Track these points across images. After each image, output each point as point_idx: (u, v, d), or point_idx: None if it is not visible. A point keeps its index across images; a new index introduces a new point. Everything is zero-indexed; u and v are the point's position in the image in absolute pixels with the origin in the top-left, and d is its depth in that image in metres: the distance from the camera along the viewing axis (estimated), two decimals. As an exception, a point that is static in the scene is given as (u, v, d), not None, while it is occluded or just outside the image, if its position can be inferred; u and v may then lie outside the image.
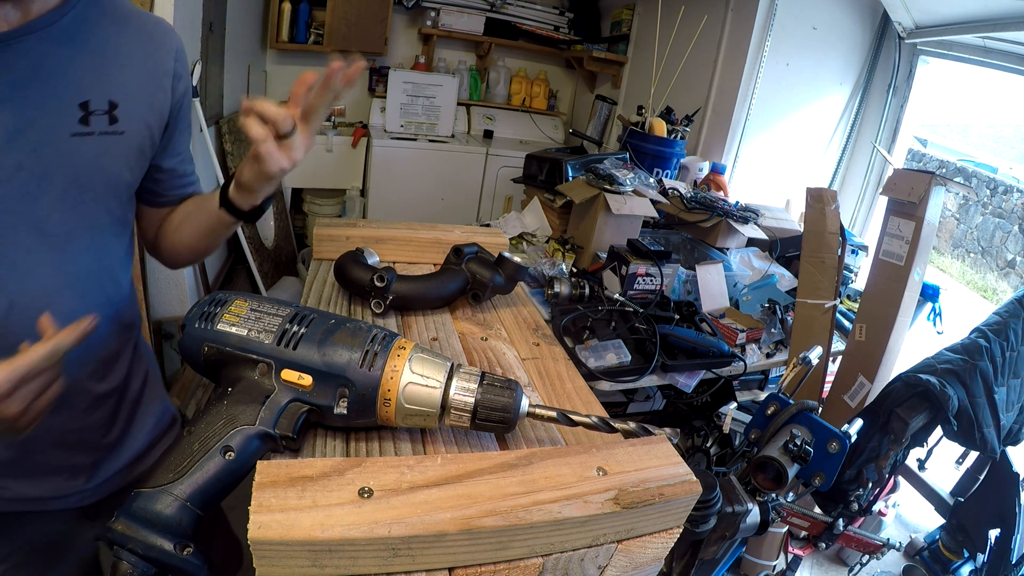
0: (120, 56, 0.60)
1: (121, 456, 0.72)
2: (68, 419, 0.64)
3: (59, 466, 0.66)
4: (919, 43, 2.32)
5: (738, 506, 0.78)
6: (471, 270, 0.67)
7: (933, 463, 2.05)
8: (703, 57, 2.50)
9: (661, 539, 0.40)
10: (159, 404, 0.80)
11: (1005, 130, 7.75)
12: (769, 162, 2.62)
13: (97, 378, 0.67)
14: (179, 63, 0.67)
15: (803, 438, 0.77)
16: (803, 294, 1.48)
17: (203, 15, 1.98)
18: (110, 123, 0.58)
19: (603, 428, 0.45)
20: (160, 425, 0.79)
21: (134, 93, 0.61)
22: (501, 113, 3.69)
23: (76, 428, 0.66)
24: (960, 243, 6.58)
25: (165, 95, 0.65)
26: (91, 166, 0.58)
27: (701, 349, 1.37)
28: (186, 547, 0.36)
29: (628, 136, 2.21)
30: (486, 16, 3.36)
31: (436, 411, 0.41)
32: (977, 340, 1.24)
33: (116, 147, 0.60)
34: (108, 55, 0.59)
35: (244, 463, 0.39)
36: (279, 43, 3.04)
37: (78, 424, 0.66)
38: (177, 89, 0.67)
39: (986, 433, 1.18)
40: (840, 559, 1.99)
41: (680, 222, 1.99)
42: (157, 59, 0.64)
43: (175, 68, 0.66)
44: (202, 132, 2.04)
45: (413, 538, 0.31)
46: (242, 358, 0.42)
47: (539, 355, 0.62)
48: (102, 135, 0.58)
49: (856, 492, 1.19)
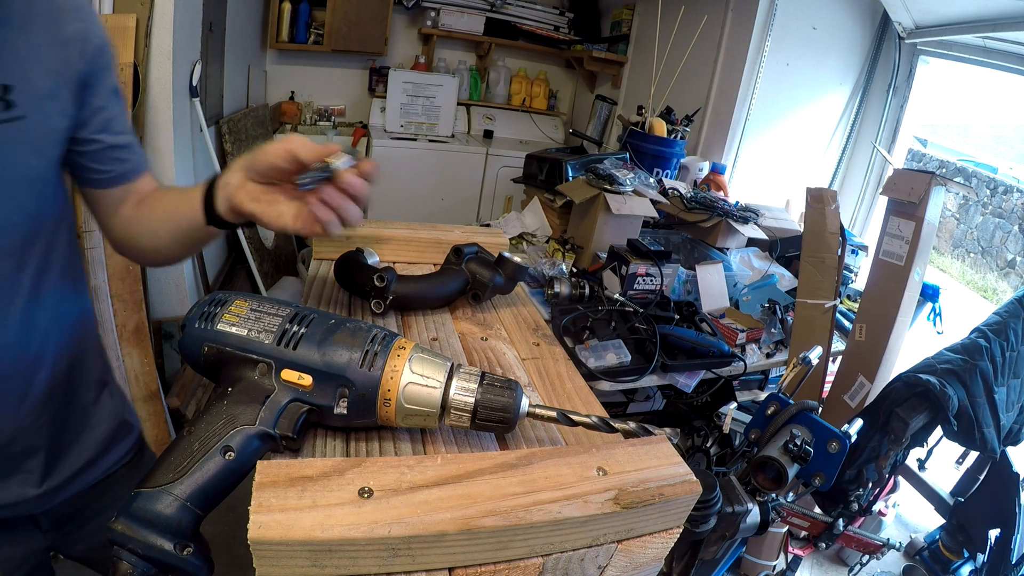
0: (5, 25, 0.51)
1: (72, 463, 0.69)
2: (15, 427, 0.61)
3: (7, 473, 0.63)
4: (919, 43, 2.32)
5: (738, 506, 0.78)
6: (471, 270, 0.67)
7: (933, 463, 2.05)
8: (703, 57, 2.50)
9: (661, 539, 0.40)
10: (114, 413, 0.75)
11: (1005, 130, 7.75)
12: (769, 162, 2.63)
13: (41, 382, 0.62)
14: (81, 21, 0.57)
15: (803, 438, 0.77)
16: (803, 294, 1.48)
17: (203, 15, 1.98)
18: (5, 109, 0.51)
19: (603, 428, 0.45)
20: (117, 435, 0.75)
21: (31, 68, 0.53)
22: (501, 113, 3.69)
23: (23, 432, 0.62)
24: (960, 243, 6.58)
25: (72, 61, 0.56)
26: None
27: (701, 349, 1.37)
28: (186, 547, 0.36)
29: (628, 136, 2.21)
30: (486, 16, 3.36)
31: (436, 411, 0.41)
32: (977, 340, 1.24)
33: (16, 135, 0.52)
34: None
35: (244, 463, 0.39)
36: (279, 43, 3.04)
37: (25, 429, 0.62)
38: (86, 52, 0.57)
39: (986, 433, 1.18)
40: (840, 559, 1.99)
41: (680, 222, 1.99)
42: (56, 21, 0.55)
43: (79, 28, 0.57)
44: (202, 132, 2.04)
45: (413, 538, 0.31)
46: (242, 358, 0.42)
47: (539, 355, 0.61)
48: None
49: (856, 492, 1.19)
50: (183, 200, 0.62)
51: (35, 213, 0.58)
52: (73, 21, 0.56)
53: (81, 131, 0.60)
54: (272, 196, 0.54)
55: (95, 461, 0.72)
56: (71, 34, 0.56)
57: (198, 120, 2.01)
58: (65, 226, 0.63)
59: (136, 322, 1.61)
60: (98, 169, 0.63)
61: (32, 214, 0.57)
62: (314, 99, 3.38)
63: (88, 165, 0.62)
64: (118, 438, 0.76)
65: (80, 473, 0.70)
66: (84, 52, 0.57)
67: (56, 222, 0.61)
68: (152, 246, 0.67)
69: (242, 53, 2.67)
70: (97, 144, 0.62)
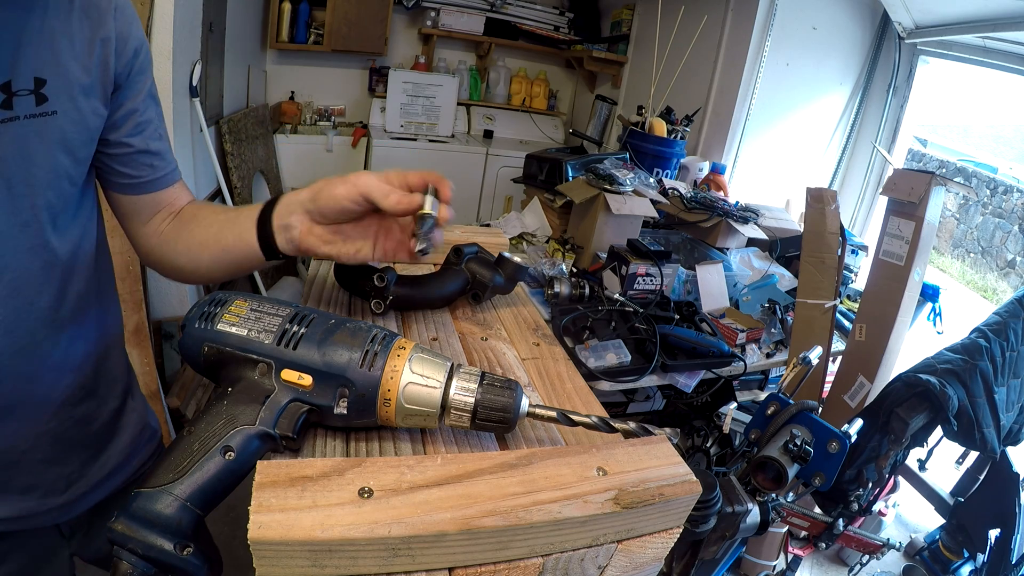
0: (46, 17, 0.50)
1: (97, 471, 0.68)
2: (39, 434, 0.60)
3: (34, 484, 0.62)
4: (919, 43, 2.32)
5: (738, 506, 0.78)
6: (471, 270, 0.67)
7: (933, 463, 2.05)
8: (703, 57, 2.50)
9: (661, 539, 0.40)
10: (138, 419, 0.75)
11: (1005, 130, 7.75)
12: (769, 162, 2.63)
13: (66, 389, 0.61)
14: (122, 21, 0.56)
15: (803, 438, 0.77)
16: (803, 294, 1.48)
17: (203, 15, 1.98)
18: (37, 103, 0.50)
19: (603, 428, 0.45)
20: (140, 440, 0.75)
21: (68, 64, 0.52)
22: (501, 113, 3.69)
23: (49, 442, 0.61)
24: (960, 243, 6.58)
25: (109, 61, 0.55)
26: (17, 155, 0.50)
27: (701, 349, 1.37)
28: (186, 547, 0.36)
29: (628, 136, 2.21)
30: (486, 16, 3.36)
31: (436, 411, 0.41)
32: (977, 340, 1.24)
33: (46, 130, 0.51)
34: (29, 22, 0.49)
35: (244, 463, 0.39)
36: (279, 43, 3.04)
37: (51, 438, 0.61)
38: (124, 53, 0.56)
39: (986, 433, 1.18)
40: (840, 559, 1.99)
41: (680, 222, 1.99)
42: (96, 19, 0.54)
43: (119, 28, 0.56)
44: (202, 132, 2.04)
45: (413, 538, 0.31)
46: (242, 358, 0.42)
47: (539, 355, 0.61)
48: (28, 119, 0.50)
49: (856, 492, 1.19)
50: (230, 228, 0.60)
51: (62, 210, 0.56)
52: (114, 21, 0.55)
53: (112, 133, 0.58)
54: (342, 235, 0.55)
55: (120, 467, 0.71)
56: (110, 33, 0.55)
57: (198, 120, 2.01)
58: (93, 228, 0.62)
59: (136, 322, 1.61)
60: (128, 174, 0.61)
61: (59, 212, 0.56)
62: (314, 99, 3.38)
63: (117, 168, 0.61)
64: (141, 442, 0.75)
65: (105, 480, 0.69)
66: (122, 53, 0.56)
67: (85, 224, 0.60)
68: (191, 268, 0.65)
69: (242, 53, 2.67)
70: (128, 148, 0.60)
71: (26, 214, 0.52)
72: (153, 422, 0.79)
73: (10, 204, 0.50)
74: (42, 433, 0.60)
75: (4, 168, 0.49)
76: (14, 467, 0.59)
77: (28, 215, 0.52)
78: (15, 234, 0.52)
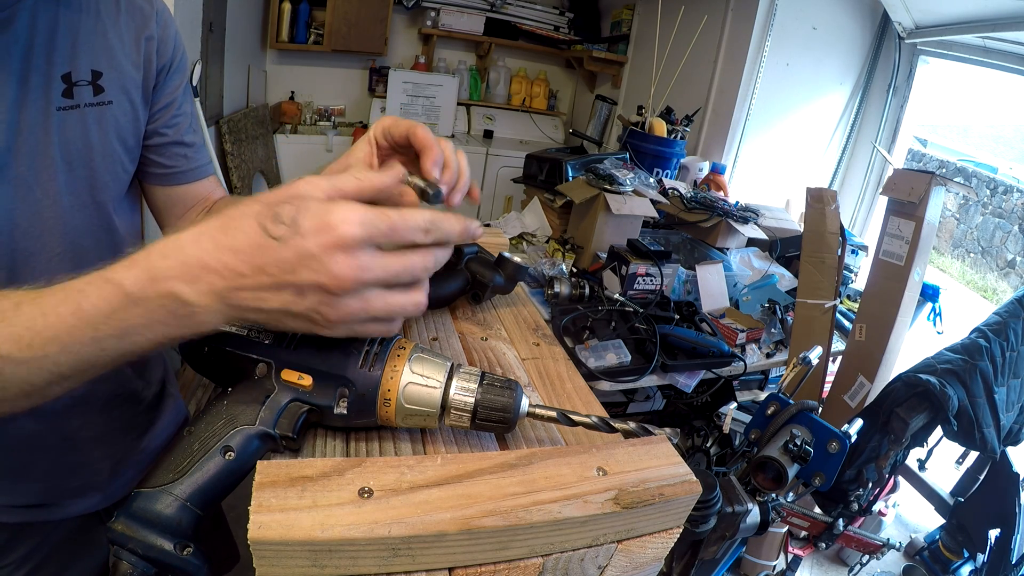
0: (99, 18, 0.55)
1: (140, 458, 0.70)
2: (87, 420, 0.62)
3: (83, 462, 0.64)
4: (919, 43, 2.32)
5: (738, 506, 0.78)
6: (471, 270, 0.67)
7: (933, 463, 2.05)
8: (703, 57, 2.50)
9: (661, 539, 0.40)
10: (173, 404, 0.78)
11: (1005, 130, 7.76)
12: (769, 162, 2.63)
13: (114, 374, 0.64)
14: (162, 24, 0.62)
15: (803, 438, 0.77)
16: (803, 294, 1.48)
17: (203, 15, 1.98)
18: (95, 93, 0.54)
19: (603, 428, 0.45)
20: (173, 425, 0.77)
21: (120, 59, 0.56)
22: (501, 113, 3.69)
23: (98, 428, 0.64)
24: (960, 243, 6.58)
25: (152, 58, 0.60)
26: (79, 140, 0.54)
27: (701, 349, 1.37)
28: (186, 547, 0.36)
29: (628, 136, 2.21)
30: (486, 16, 3.36)
31: (436, 411, 0.41)
32: (977, 340, 1.24)
33: (104, 119, 0.56)
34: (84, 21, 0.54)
35: (244, 463, 0.39)
36: (279, 43, 3.04)
37: (100, 424, 0.64)
38: (165, 52, 0.62)
39: (986, 433, 1.18)
40: (840, 559, 1.99)
41: (680, 222, 1.99)
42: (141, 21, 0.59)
43: (160, 30, 0.61)
44: (202, 132, 2.04)
45: (413, 538, 0.31)
46: (242, 358, 0.42)
47: (539, 355, 0.61)
48: (88, 107, 0.54)
49: (856, 492, 1.19)
50: None
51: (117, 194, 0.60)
52: (156, 23, 0.61)
53: (150, 124, 0.63)
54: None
55: (158, 451, 0.73)
56: (154, 34, 0.60)
57: (198, 120, 2.01)
58: (138, 218, 0.66)
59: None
60: (162, 163, 0.65)
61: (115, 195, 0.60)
62: (314, 99, 3.38)
63: (153, 159, 0.64)
64: (176, 429, 0.77)
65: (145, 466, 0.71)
66: (163, 52, 0.62)
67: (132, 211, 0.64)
68: None
69: (242, 53, 2.67)
70: (163, 137, 0.64)
71: (91, 195, 0.57)
72: (183, 408, 0.82)
73: (77, 185, 0.55)
74: (96, 411, 0.63)
75: (66, 152, 0.53)
76: (69, 446, 0.61)
77: (91, 197, 0.57)
78: (89, 215, 0.56)
